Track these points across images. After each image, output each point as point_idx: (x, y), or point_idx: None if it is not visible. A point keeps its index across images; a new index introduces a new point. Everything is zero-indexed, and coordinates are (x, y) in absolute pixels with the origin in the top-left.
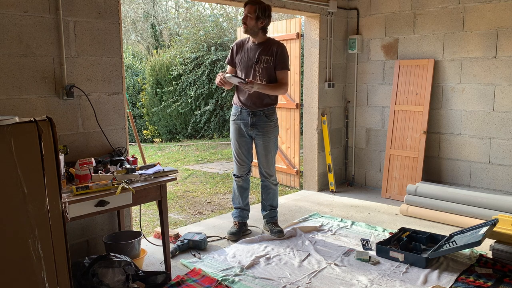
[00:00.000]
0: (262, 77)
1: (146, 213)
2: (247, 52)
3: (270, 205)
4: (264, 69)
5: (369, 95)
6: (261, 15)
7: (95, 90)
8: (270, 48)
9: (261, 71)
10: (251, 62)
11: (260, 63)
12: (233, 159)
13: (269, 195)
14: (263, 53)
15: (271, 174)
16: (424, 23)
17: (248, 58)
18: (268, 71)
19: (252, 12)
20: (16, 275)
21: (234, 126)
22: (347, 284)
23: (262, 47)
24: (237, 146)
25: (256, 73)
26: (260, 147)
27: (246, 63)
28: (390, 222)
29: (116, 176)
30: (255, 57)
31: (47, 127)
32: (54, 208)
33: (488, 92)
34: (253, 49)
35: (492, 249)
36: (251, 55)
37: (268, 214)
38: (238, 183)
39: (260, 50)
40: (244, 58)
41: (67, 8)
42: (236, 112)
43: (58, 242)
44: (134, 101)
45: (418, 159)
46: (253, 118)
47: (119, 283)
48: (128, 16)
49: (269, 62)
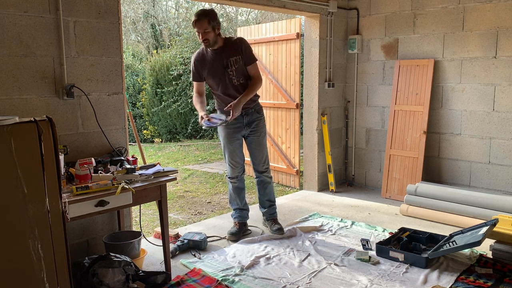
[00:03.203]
0: (238, 78)
1: (146, 213)
2: (210, 62)
3: (268, 200)
4: (236, 70)
5: (369, 95)
6: (215, 23)
7: (95, 90)
8: (233, 47)
9: (234, 73)
10: (220, 70)
11: (230, 67)
12: (226, 163)
13: (266, 190)
14: (228, 56)
15: (267, 168)
16: (424, 23)
17: (215, 68)
18: (241, 71)
19: (207, 26)
20: (16, 275)
21: (226, 131)
22: (347, 284)
23: (225, 51)
24: (231, 149)
25: (231, 77)
26: (255, 144)
27: (215, 73)
28: (390, 222)
29: (116, 176)
30: (222, 63)
31: (47, 127)
32: (54, 208)
33: (488, 92)
34: (217, 57)
35: (492, 249)
36: (217, 63)
37: (267, 211)
38: (234, 184)
39: (223, 54)
40: (211, 69)
41: (67, 8)
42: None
43: (58, 242)
44: (134, 101)
45: (418, 159)
46: (246, 117)
47: (119, 283)
48: (128, 16)
49: (238, 61)
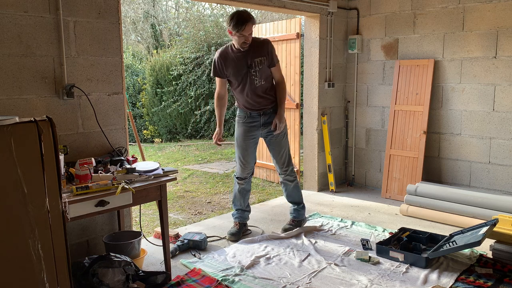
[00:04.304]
0: (260, 79)
1: (146, 213)
2: (235, 61)
3: (291, 201)
4: (259, 71)
5: (369, 95)
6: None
7: (95, 90)
8: (259, 48)
9: (257, 74)
10: (244, 70)
11: (254, 67)
12: (236, 162)
13: (287, 191)
14: (253, 56)
15: (287, 169)
16: (424, 23)
17: (239, 67)
18: (264, 72)
19: (252, 30)
20: (16, 275)
21: (242, 128)
22: (347, 284)
23: (250, 51)
24: (244, 148)
25: (253, 78)
26: (273, 144)
27: (238, 72)
28: (390, 222)
29: (116, 176)
30: (246, 63)
31: (47, 127)
32: (54, 208)
33: (488, 92)
34: (241, 56)
35: (492, 249)
36: (241, 63)
37: (292, 212)
38: (241, 185)
39: (248, 54)
40: (234, 68)
41: (67, 8)
42: (244, 114)
43: (58, 242)
44: (134, 101)
45: (418, 159)
46: (263, 117)
47: (119, 283)
48: (128, 16)
49: (262, 63)
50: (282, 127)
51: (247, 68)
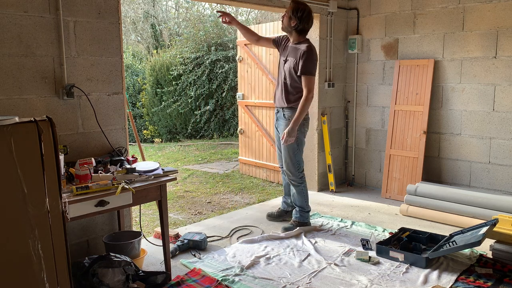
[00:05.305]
0: (285, 76)
1: (146, 213)
2: (285, 49)
3: (294, 204)
4: (288, 69)
5: (369, 95)
6: (292, 15)
7: (95, 90)
8: (297, 51)
9: (287, 71)
10: (282, 60)
11: (287, 63)
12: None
13: (292, 193)
14: (289, 55)
15: (290, 173)
16: (424, 23)
17: (283, 54)
18: (291, 73)
19: (289, 10)
20: (16, 275)
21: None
22: (347, 284)
23: (293, 48)
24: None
25: (281, 71)
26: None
27: (280, 58)
28: (390, 222)
29: (116, 176)
30: (286, 56)
31: (47, 127)
32: (54, 208)
33: (488, 92)
34: (287, 49)
35: (492, 249)
36: (284, 53)
37: (295, 213)
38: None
39: (289, 51)
40: (281, 53)
41: (67, 8)
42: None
43: (58, 242)
44: (134, 101)
45: (418, 159)
46: (277, 115)
47: (119, 283)
48: (128, 16)
49: (293, 64)
50: (291, 141)
51: (284, 61)
